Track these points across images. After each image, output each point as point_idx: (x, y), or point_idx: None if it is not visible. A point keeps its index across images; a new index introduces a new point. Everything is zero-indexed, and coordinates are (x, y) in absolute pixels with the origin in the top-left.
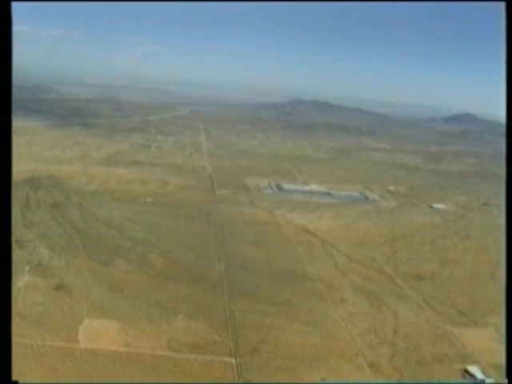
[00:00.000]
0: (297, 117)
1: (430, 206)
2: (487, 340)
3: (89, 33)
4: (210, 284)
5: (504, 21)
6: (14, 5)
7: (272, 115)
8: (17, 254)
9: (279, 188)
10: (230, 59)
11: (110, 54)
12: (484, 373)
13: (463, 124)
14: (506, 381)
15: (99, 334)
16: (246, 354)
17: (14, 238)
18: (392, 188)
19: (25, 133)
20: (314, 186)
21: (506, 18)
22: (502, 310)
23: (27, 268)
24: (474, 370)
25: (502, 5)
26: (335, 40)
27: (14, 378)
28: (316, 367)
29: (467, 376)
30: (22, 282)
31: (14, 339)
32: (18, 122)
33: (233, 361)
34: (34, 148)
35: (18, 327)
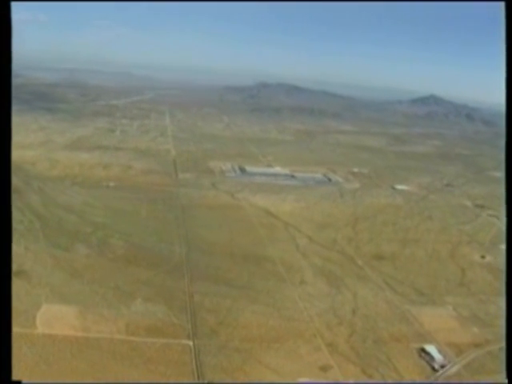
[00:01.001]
0: (263, 100)
1: (393, 188)
2: (445, 319)
3: (53, 17)
4: (170, 267)
5: (504, 21)
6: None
7: (239, 98)
8: None
9: (243, 171)
10: (198, 42)
11: (77, 39)
12: (440, 351)
13: (429, 106)
14: (506, 381)
15: (57, 319)
16: (203, 337)
17: None
18: (356, 170)
19: None
20: (277, 169)
21: (506, 18)
22: (461, 290)
23: None
24: (431, 348)
25: (502, 5)
26: (304, 22)
27: None
28: (274, 348)
29: (423, 354)
30: None
31: None
32: None
33: (190, 343)
34: None
35: None
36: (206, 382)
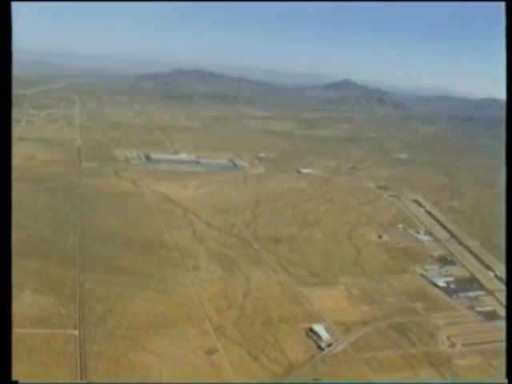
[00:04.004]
0: (177, 87)
1: (298, 171)
2: (336, 298)
3: None
4: (61, 257)
5: (504, 21)
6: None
7: (153, 86)
8: None
9: (148, 158)
10: (115, 30)
11: None
12: (328, 330)
13: (342, 91)
14: (506, 381)
15: None
16: (90, 325)
17: None
18: (262, 155)
19: None
20: (183, 155)
21: (506, 18)
22: (355, 269)
23: None
24: (319, 328)
25: (502, 5)
26: (222, 8)
27: None
28: (161, 334)
29: (311, 334)
30: None
31: None
32: None
33: (76, 333)
34: None
35: None
36: (85, 382)
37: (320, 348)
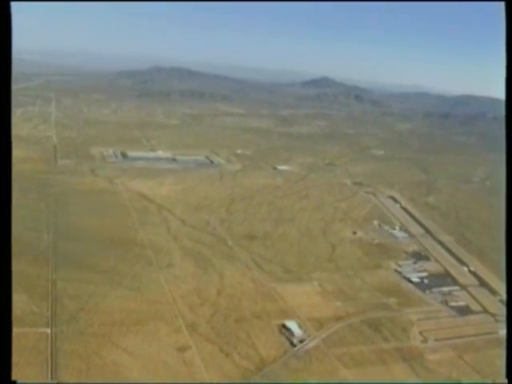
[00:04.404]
0: (155, 84)
1: (275, 168)
2: (309, 295)
3: None
4: (35, 255)
5: (504, 21)
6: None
7: (130, 83)
8: None
9: (124, 156)
10: (93, 28)
11: None
12: (300, 326)
13: (320, 88)
14: (506, 381)
15: None
16: (62, 323)
17: None
18: (239, 151)
19: None
20: (159, 153)
21: (506, 18)
22: (329, 265)
23: None
24: (291, 324)
25: (502, 5)
26: (199, 6)
27: None
28: (133, 332)
29: (283, 330)
30: None
31: None
32: None
33: (48, 331)
34: None
35: None
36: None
37: (292, 344)
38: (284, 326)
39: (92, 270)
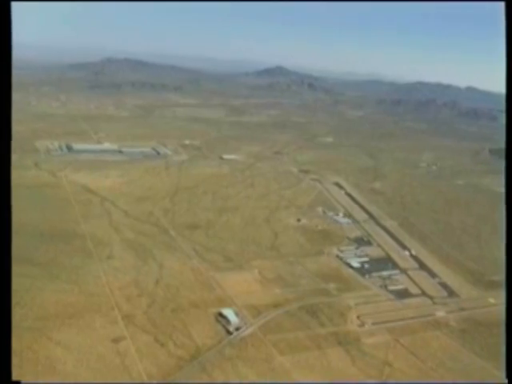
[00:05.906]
0: (107, 76)
1: (221, 158)
2: (248, 283)
3: None
4: None
5: (504, 21)
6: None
7: (81, 75)
8: None
9: (69, 149)
10: (43, 19)
11: None
12: (237, 314)
13: (274, 77)
14: (506, 381)
15: None
16: None
17: None
18: (187, 142)
19: None
20: (106, 145)
21: (506, 18)
22: (271, 253)
23: None
24: (228, 312)
25: (502, 5)
26: None
27: None
28: (67, 324)
29: (220, 318)
30: None
31: None
32: None
33: None
34: None
35: None
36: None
37: (228, 332)
38: (220, 315)
39: (30, 264)
